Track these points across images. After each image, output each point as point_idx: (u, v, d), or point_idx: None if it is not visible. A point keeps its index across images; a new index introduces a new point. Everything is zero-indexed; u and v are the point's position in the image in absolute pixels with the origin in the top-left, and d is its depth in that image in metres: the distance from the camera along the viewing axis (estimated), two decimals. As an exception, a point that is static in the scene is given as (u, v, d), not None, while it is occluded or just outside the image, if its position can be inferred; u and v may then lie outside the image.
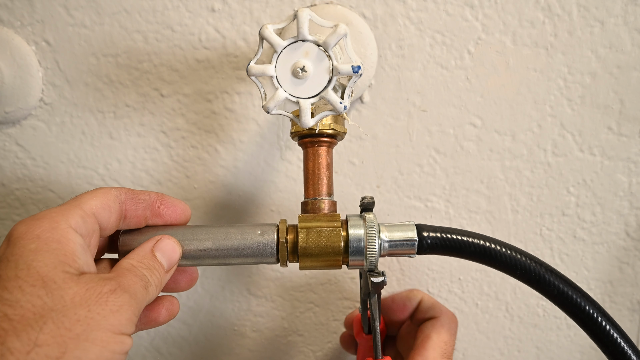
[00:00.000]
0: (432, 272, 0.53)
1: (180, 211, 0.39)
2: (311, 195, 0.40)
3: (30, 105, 0.48)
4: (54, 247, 0.31)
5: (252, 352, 0.57)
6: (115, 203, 0.35)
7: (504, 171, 0.49)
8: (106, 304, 0.30)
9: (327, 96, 0.36)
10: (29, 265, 0.30)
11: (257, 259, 0.37)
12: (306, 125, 0.36)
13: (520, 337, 0.55)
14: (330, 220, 0.38)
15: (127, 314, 0.30)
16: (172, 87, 0.48)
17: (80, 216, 0.33)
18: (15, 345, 0.27)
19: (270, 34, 0.35)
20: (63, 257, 0.31)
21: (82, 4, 0.46)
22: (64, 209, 0.33)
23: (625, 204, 0.50)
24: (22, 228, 0.32)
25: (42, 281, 0.29)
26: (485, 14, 0.45)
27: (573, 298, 0.36)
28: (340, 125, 0.40)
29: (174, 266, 0.36)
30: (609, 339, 0.36)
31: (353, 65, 0.35)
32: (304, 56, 0.35)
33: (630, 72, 0.46)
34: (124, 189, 0.37)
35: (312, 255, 0.37)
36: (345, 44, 0.36)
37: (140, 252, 0.35)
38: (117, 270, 0.33)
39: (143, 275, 0.33)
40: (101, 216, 0.34)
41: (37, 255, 0.30)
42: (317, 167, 0.40)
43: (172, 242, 0.37)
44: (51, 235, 0.31)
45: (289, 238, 0.37)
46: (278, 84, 0.36)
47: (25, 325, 0.28)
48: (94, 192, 0.35)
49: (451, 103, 0.47)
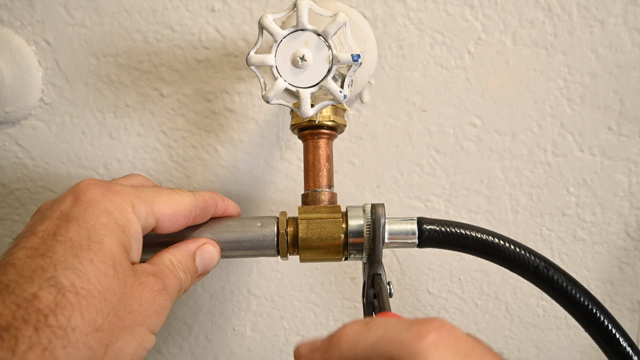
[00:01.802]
0: (432, 272, 0.53)
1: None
2: (311, 187, 0.39)
3: (30, 105, 0.48)
4: (120, 230, 0.29)
5: (252, 352, 0.57)
6: (184, 219, 0.34)
7: (504, 171, 0.49)
8: (154, 303, 0.29)
9: (327, 85, 0.36)
10: (101, 240, 0.28)
11: (257, 252, 0.37)
12: (306, 115, 0.36)
13: (520, 337, 0.55)
14: (330, 211, 0.37)
15: (164, 316, 0.30)
16: (172, 87, 0.48)
17: (146, 212, 0.32)
18: (78, 324, 0.26)
19: (270, 23, 0.35)
20: (125, 243, 0.30)
21: (82, 4, 0.46)
22: (136, 195, 0.31)
23: (625, 204, 0.50)
24: (95, 193, 0.30)
25: (112, 261, 0.28)
26: (485, 14, 0.45)
27: (573, 294, 0.36)
28: (340, 117, 0.40)
29: (205, 274, 0.36)
30: (607, 332, 0.36)
31: (353, 54, 0.35)
32: (304, 45, 0.35)
33: (630, 72, 0.46)
34: (201, 204, 0.35)
35: (313, 247, 0.37)
36: (345, 33, 0.35)
37: (183, 251, 0.34)
38: (159, 264, 0.32)
39: (180, 279, 0.33)
40: (163, 224, 0.33)
41: (108, 232, 0.29)
42: (317, 159, 0.40)
43: (215, 250, 0.36)
44: (119, 215, 0.30)
45: (289, 230, 0.37)
46: (278, 74, 0.36)
47: (90, 304, 0.26)
48: (171, 197, 0.33)
49: (451, 103, 0.47)
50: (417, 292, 0.54)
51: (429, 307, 0.54)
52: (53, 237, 0.28)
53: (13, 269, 0.26)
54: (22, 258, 0.27)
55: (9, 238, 0.54)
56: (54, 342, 0.25)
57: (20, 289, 0.25)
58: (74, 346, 0.25)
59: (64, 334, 0.25)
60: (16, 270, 0.26)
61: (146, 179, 0.37)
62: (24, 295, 0.25)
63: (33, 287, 0.26)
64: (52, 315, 0.25)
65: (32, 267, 0.26)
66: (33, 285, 0.26)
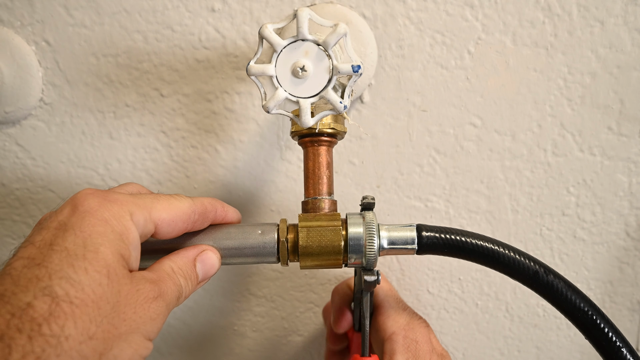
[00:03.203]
0: (432, 272, 0.53)
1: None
2: (311, 195, 0.40)
3: (30, 105, 0.48)
4: (117, 238, 0.30)
5: (252, 352, 0.57)
6: (183, 224, 0.34)
7: (504, 171, 0.49)
8: (148, 310, 0.29)
9: (327, 96, 0.36)
10: (97, 249, 0.28)
11: (258, 259, 0.37)
12: (306, 125, 0.36)
13: (520, 337, 0.55)
14: (330, 219, 0.37)
15: (160, 322, 0.30)
16: (172, 87, 0.48)
17: (144, 219, 0.32)
18: (72, 332, 0.26)
19: (270, 33, 0.35)
20: (123, 251, 0.30)
21: (82, 4, 0.46)
22: (134, 202, 0.32)
23: (625, 204, 0.50)
24: (93, 202, 0.30)
25: (107, 269, 0.28)
26: (485, 14, 0.45)
27: (573, 300, 0.36)
28: (340, 125, 0.40)
29: (206, 281, 0.36)
30: (607, 338, 0.36)
31: (353, 65, 0.35)
32: (304, 56, 0.35)
33: (630, 72, 0.46)
34: (200, 209, 0.35)
35: (313, 255, 0.37)
36: (345, 43, 0.35)
37: (183, 257, 0.34)
38: (158, 271, 0.32)
39: (179, 285, 0.33)
40: (161, 230, 0.33)
41: (104, 240, 0.29)
42: (317, 167, 0.40)
43: (215, 257, 0.36)
44: (117, 223, 0.30)
45: (289, 237, 0.37)
46: (278, 84, 0.36)
47: (83, 313, 0.26)
48: (169, 202, 0.33)
49: (451, 103, 0.47)
50: (417, 292, 0.54)
51: (429, 307, 0.54)
52: (50, 246, 0.28)
53: (10, 278, 0.27)
54: (19, 268, 0.27)
55: (9, 238, 0.54)
56: (48, 350, 0.25)
57: (15, 298, 0.26)
58: (67, 355, 0.25)
59: (58, 343, 0.25)
60: (12, 280, 0.27)
61: (142, 187, 0.37)
62: (18, 304, 0.25)
63: (28, 297, 0.26)
64: (46, 324, 0.25)
65: (28, 276, 0.27)
66: (28, 295, 0.26)
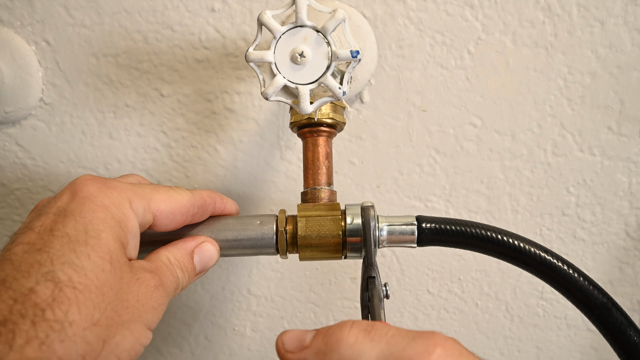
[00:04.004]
0: (432, 272, 0.53)
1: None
2: (310, 185, 0.39)
3: (30, 105, 0.48)
4: (116, 225, 0.29)
5: (252, 352, 0.57)
6: (182, 216, 0.34)
7: (504, 171, 0.49)
8: (151, 299, 0.29)
9: (326, 82, 0.35)
10: (98, 235, 0.28)
11: (256, 250, 0.37)
12: (305, 112, 0.36)
13: (520, 337, 0.55)
14: (329, 209, 0.37)
15: (161, 312, 0.30)
16: (172, 87, 0.48)
17: (143, 208, 0.31)
18: (76, 318, 0.25)
19: (269, 19, 0.35)
20: (123, 238, 0.29)
21: (82, 4, 0.46)
22: (133, 191, 0.31)
23: (625, 204, 0.50)
24: (92, 188, 0.30)
25: (109, 255, 0.28)
26: (485, 14, 0.45)
27: (579, 283, 0.36)
28: (339, 115, 0.40)
29: (205, 272, 0.36)
30: (612, 320, 0.35)
31: (352, 50, 0.35)
32: (303, 42, 0.35)
33: (630, 72, 0.46)
34: (199, 202, 0.35)
35: (312, 245, 0.36)
36: (344, 29, 0.35)
37: (181, 249, 0.34)
38: (156, 261, 0.32)
39: (177, 276, 0.33)
40: (160, 221, 0.33)
41: (105, 227, 0.29)
42: (316, 157, 0.39)
43: (214, 249, 0.36)
44: (116, 210, 0.30)
45: (288, 228, 0.37)
46: (277, 70, 0.36)
47: (87, 299, 0.26)
48: (169, 194, 0.33)
49: (451, 103, 0.47)
50: (417, 292, 0.54)
51: (429, 307, 0.54)
52: (50, 232, 0.28)
53: (10, 264, 0.26)
54: (19, 253, 0.27)
55: (9, 238, 0.54)
56: (52, 336, 0.25)
57: (17, 284, 0.25)
58: (71, 340, 0.25)
59: (62, 328, 0.25)
60: (13, 265, 0.26)
61: (143, 178, 0.37)
62: (20, 289, 0.25)
63: (30, 282, 0.25)
64: (50, 309, 0.25)
65: (29, 261, 0.26)
66: (30, 280, 0.26)
